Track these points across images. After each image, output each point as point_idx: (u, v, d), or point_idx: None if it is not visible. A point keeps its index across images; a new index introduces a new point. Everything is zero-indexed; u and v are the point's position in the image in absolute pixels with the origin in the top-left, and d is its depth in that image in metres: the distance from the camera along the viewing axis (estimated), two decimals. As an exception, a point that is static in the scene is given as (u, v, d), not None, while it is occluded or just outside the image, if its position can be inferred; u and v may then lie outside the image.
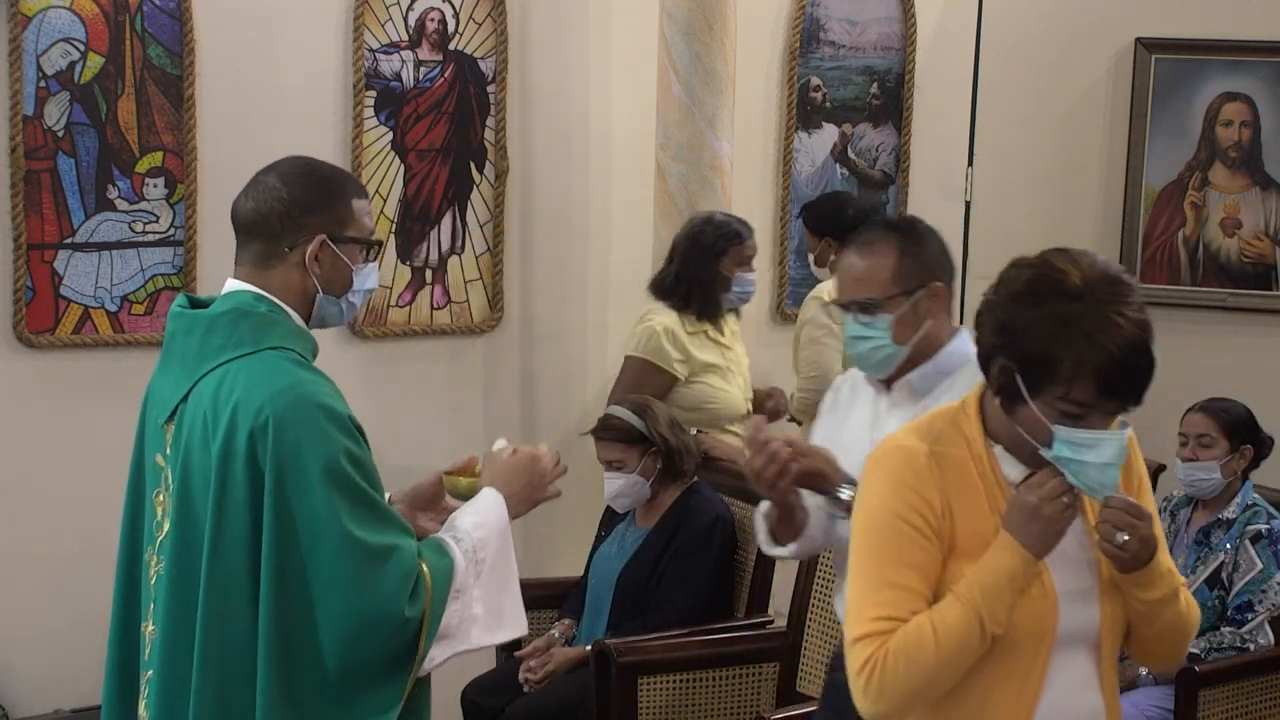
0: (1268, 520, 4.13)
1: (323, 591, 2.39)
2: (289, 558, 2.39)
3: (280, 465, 2.39)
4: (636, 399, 4.46)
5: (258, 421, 2.40)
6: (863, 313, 2.91)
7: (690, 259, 4.72)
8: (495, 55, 5.15)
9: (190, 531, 2.47)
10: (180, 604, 2.47)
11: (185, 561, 2.47)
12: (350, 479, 2.41)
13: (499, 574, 2.60)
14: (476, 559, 2.56)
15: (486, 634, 2.57)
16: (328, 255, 2.56)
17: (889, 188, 5.85)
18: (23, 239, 4.58)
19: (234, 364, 2.48)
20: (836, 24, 5.69)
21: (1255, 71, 5.58)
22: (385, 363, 5.06)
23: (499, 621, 2.59)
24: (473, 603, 2.54)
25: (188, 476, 2.48)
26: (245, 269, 2.58)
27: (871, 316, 2.90)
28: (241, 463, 2.40)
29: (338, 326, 2.68)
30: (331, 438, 2.41)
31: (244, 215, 2.58)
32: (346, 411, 2.47)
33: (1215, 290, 5.68)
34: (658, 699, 3.93)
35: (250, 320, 2.51)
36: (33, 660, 4.65)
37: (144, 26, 4.68)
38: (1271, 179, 5.60)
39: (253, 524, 2.41)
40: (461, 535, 2.58)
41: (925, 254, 2.95)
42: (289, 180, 2.58)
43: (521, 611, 2.64)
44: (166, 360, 2.60)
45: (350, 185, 2.65)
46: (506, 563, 2.62)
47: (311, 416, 2.41)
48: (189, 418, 2.49)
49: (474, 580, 2.54)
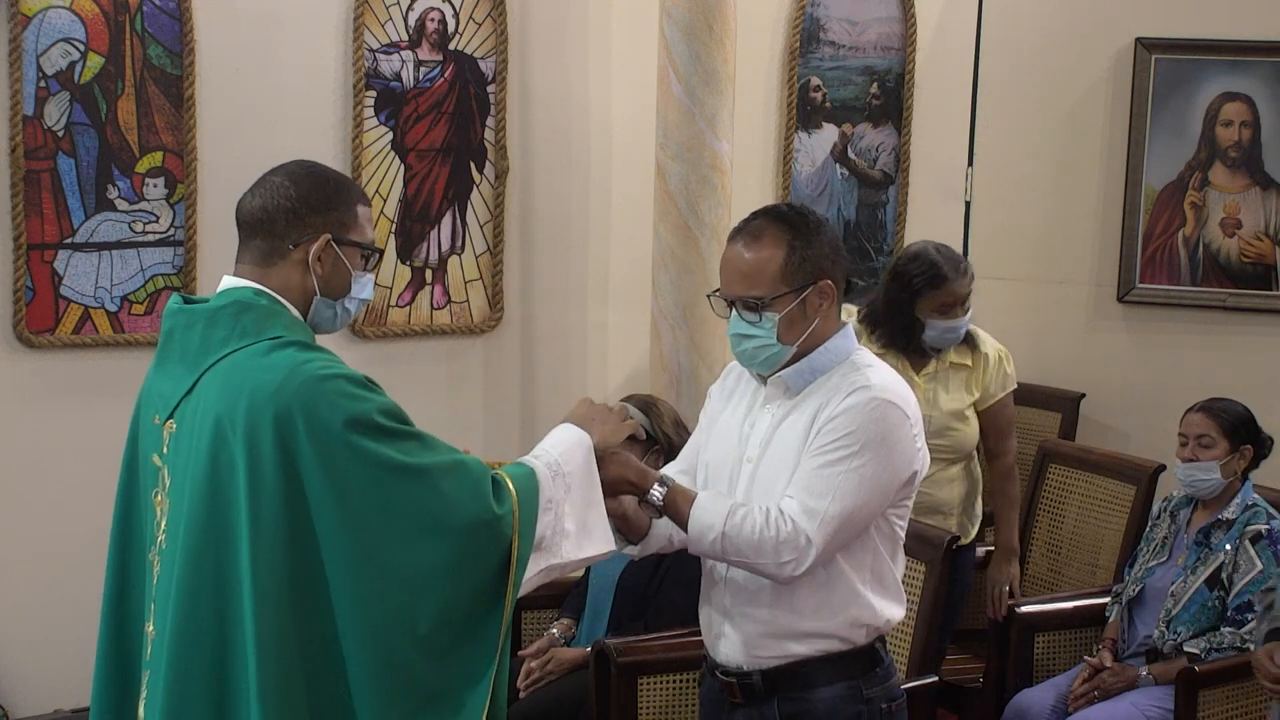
0: (1267, 520, 4.13)
1: (401, 529, 2.41)
2: (356, 519, 2.40)
3: (319, 444, 2.39)
4: (644, 396, 4.46)
5: (280, 407, 2.40)
6: (748, 310, 2.83)
7: (889, 294, 4.48)
8: (495, 55, 5.16)
9: (199, 529, 2.45)
10: (187, 603, 2.45)
11: (193, 560, 2.45)
12: (388, 427, 2.44)
13: (584, 491, 2.65)
14: (562, 473, 2.61)
15: (576, 549, 2.62)
16: (330, 255, 2.57)
17: (889, 188, 5.85)
18: (23, 239, 4.58)
19: (240, 354, 2.48)
20: (836, 24, 5.69)
21: (1255, 71, 5.58)
22: (385, 363, 5.05)
23: (588, 537, 2.64)
24: (564, 517, 2.59)
25: (196, 474, 2.47)
26: (246, 266, 2.59)
27: (757, 315, 2.82)
28: (270, 453, 2.39)
29: (329, 333, 2.68)
30: (360, 399, 2.44)
31: (249, 212, 2.59)
32: (361, 374, 2.50)
33: (1215, 290, 5.68)
34: (658, 699, 3.93)
35: (253, 312, 2.52)
36: (33, 660, 4.65)
37: (144, 26, 4.68)
38: (1271, 179, 5.60)
39: (289, 512, 2.40)
40: (539, 453, 2.64)
41: (815, 249, 2.82)
42: (297, 179, 2.60)
43: (608, 529, 2.69)
44: (164, 358, 2.59)
45: (355, 191, 2.67)
46: (591, 481, 2.67)
47: (333, 387, 2.43)
48: (194, 413, 2.49)
49: (564, 494, 2.60)
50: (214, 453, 2.45)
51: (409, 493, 2.42)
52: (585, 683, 4.05)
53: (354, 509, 2.41)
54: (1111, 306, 5.83)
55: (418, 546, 2.42)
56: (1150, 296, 5.77)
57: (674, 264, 5.03)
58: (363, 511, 2.41)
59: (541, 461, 2.61)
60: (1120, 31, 5.72)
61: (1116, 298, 5.81)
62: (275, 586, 2.40)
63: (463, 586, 2.46)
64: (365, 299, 2.68)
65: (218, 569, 2.43)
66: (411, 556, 2.42)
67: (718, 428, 3.00)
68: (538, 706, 4.17)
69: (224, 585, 2.43)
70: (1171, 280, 5.74)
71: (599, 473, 2.71)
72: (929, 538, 3.96)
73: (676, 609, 4.19)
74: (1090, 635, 4.39)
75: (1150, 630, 4.18)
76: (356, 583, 2.41)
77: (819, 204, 5.73)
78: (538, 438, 2.53)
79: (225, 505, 2.44)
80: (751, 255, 2.81)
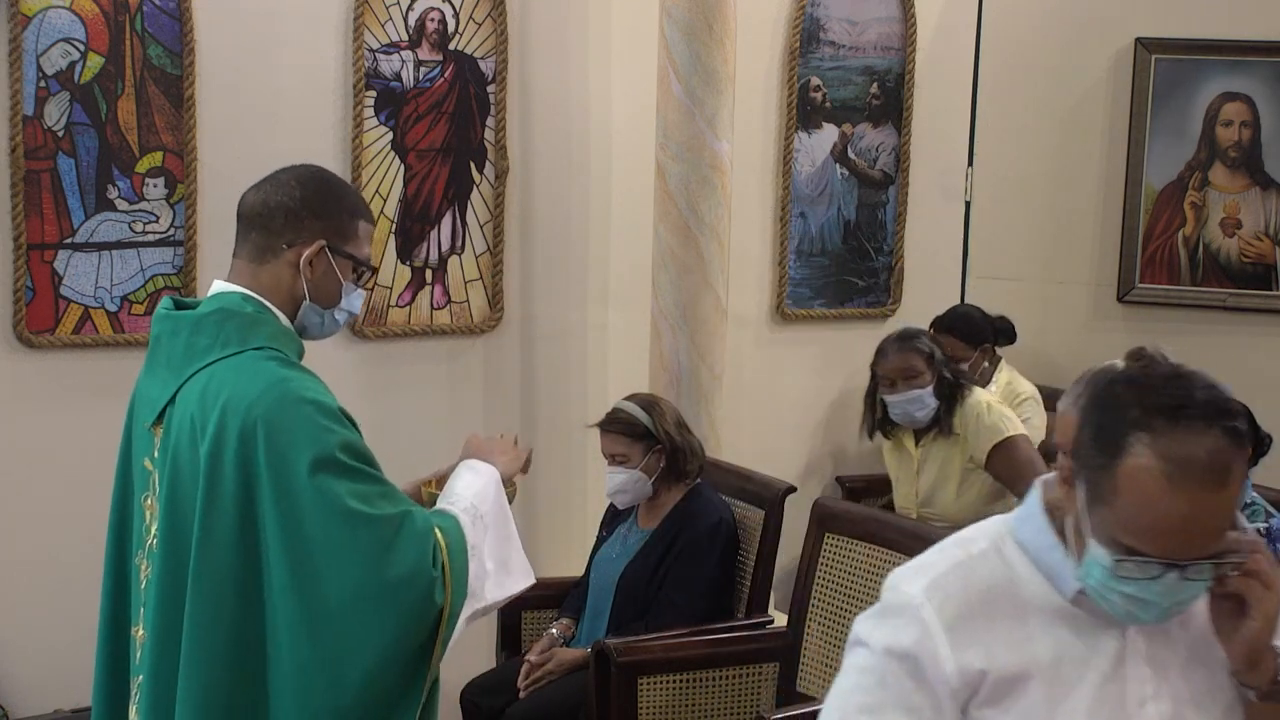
0: (1266, 519, 4.13)
1: (342, 574, 2.38)
2: (299, 552, 2.38)
3: (277, 463, 2.38)
4: (646, 395, 4.46)
5: (247, 421, 2.39)
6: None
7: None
8: (495, 55, 5.15)
9: (178, 534, 2.46)
10: (169, 607, 2.46)
11: (173, 564, 2.46)
12: (348, 465, 2.42)
13: (500, 527, 2.63)
14: (479, 514, 2.59)
15: (497, 589, 2.59)
16: (322, 262, 2.57)
17: (889, 188, 5.85)
18: (23, 239, 4.58)
19: (220, 364, 2.48)
20: (836, 24, 5.69)
21: (1255, 71, 5.58)
22: (385, 363, 5.06)
23: (508, 575, 2.62)
24: (484, 558, 2.56)
25: (176, 479, 2.47)
26: (240, 261, 2.59)
27: None
28: (231, 464, 2.40)
29: (317, 339, 2.67)
30: (325, 429, 2.42)
31: (250, 205, 2.59)
32: (335, 404, 2.47)
33: (1215, 290, 5.68)
34: (658, 699, 3.93)
35: (236, 320, 2.51)
36: (33, 660, 4.65)
37: (144, 26, 4.68)
38: (1271, 179, 5.60)
39: (241, 523, 2.40)
40: (455, 498, 2.61)
41: None
42: (303, 181, 2.60)
43: (525, 562, 2.67)
44: (152, 363, 2.59)
45: (360, 206, 2.67)
46: (505, 516, 2.66)
47: (302, 412, 2.41)
48: (176, 420, 2.49)
49: (483, 536, 2.57)
50: (186, 460, 2.45)
51: (353, 539, 2.39)
52: (585, 683, 4.05)
53: (299, 541, 2.38)
54: (1111, 306, 5.83)
55: (353, 592, 2.38)
56: (1150, 296, 5.77)
57: (674, 264, 5.03)
58: (307, 546, 2.38)
59: (459, 508, 2.58)
60: (1120, 31, 5.72)
61: (1116, 298, 5.81)
62: (214, 598, 2.40)
63: (394, 640, 2.42)
64: (352, 312, 2.67)
65: (179, 575, 2.44)
66: (346, 599, 2.38)
67: None
68: (538, 706, 4.17)
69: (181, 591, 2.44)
70: (1171, 280, 5.74)
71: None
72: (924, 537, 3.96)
73: (676, 609, 4.19)
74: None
75: (1150, 630, 4.18)
76: (292, 613, 2.38)
77: (819, 204, 5.73)
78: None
79: (187, 513, 2.44)
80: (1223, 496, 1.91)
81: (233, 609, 2.40)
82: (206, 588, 2.40)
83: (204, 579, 2.40)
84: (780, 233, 5.68)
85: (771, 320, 5.72)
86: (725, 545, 4.28)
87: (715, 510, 4.30)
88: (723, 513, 4.30)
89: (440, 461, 2.89)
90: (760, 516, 4.37)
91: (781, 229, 5.68)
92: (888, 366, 4.85)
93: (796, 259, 5.71)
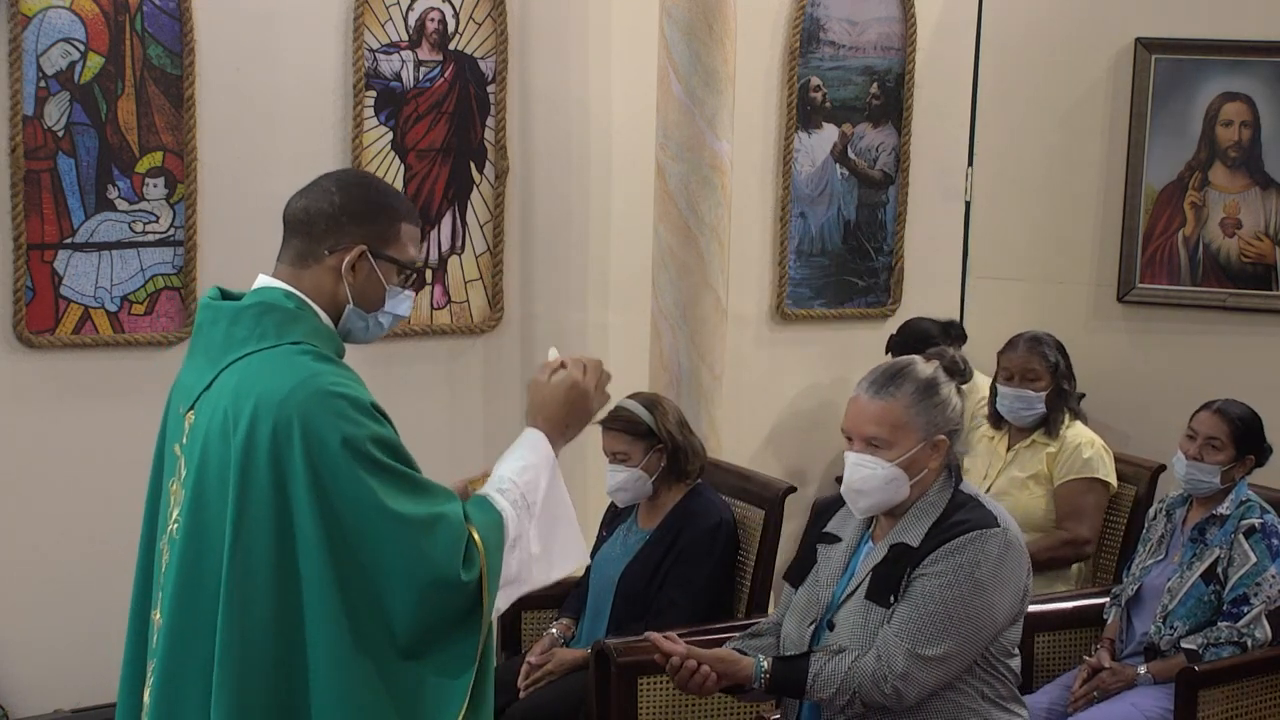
0: (1261, 514, 4.14)
1: (378, 570, 2.40)
2: (341, 546, 2.40)
3: (312, 458, 2.39)
4: (648, 394, 4.46)
5: (281, 416, 2.40)
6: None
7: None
8: (495, 55, 5.15)
9: (200, 522, 2.47)
10: (184, 594, 2.47)
11: (192, 553, 2.47)
12: (381, 460, 2.42)
13: (550, 511, 2.64)
14: (527, 504, 2.59)
15: (544, 572, 2.61)
16: (364, 267, 2.57)
17: (889, 188, 5.85)
18: (23, 239, 4.58)
19: (255, 356, 2.49)
20: (836, 24, 5.69)
21: (1255, 71, 5.58)
22: (385, 363, 5.05)
23: (557, 556, 2.64)
24: (530, 543, 2.58)
25: (204, 467, 2.49)
26: (283, 266, 2.60)
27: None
28: (264, 457, 2.40)
29: (362, 344, 2.68)
30: (358, 424, 2.42)
31: (293, 212, 2.60)
32: (369, 398, 2.48)
33: (1215, 290, 5.67)
34: (658, 699, 3.93)
35: (275, 314, 2.53)
36: (32, 660, 4.65)
37: (144, 26, 4.68)
38: (1271, 179, 5.60)
39: (276, 517, 2.41)
40: (506, 485, 2.60)
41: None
42: (344, 186, 2.60)
43: (577, 543, 2.69)
44: (193, 350, 2.62)
45: (404, 208, 2.66)
46: (558, 498, 2.66)
47: (336, 407, 2.42)
48: (208, 409, 2.50)
49: (529, 524, 2.58)
50: (218, 449, 2.46)
51: (386, 537, 2.40)
52: (585, 683, 4.05)
53: (334, 530, 2.40)
54: (1111, 306, 5.83)
55: (384, 585, 2.41)
56: (1150, 296, 5.77)
57: (674, 264, 5.03)
58: (343, 534, 2.40)
59: (509, 499, 2.58)
60: (1120, 31, 5.72)
61: (1116, 298, 5.81)
62: (249, 592, 2.40)
63: (427, 623, 2.44)
64: (401, 314, 2.67)
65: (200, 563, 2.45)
66: (378, 590, 2.41)
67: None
68: (538, 706, 4.17)
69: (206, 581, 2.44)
70: (1171, 280, 5.74)
71: None
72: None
73: (677, 609, 4.19)
74: (1089, 636, 4.39)
75: (1148, 628, 4.18)
76: (330, 602, 2.40)
77: (819, 204, 5.73)
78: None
79: (217, 502, 2.45)
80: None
81: (266, 599, 2.41)
82: (240, 579, 2.41)
83: (237, 571, 2.41)
84: (780, 233, 5.68)
85: (771, 320, 5.72)
86: (725, 545, 4.27)
87: (715, 510, 4.29)
88: (723, 513, 4.30)
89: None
90: (760, 516, 4.37)
91: (781, 229, 5.68)
92: (1011, 360, 4.91)
93: (796, 259, 5.71)
